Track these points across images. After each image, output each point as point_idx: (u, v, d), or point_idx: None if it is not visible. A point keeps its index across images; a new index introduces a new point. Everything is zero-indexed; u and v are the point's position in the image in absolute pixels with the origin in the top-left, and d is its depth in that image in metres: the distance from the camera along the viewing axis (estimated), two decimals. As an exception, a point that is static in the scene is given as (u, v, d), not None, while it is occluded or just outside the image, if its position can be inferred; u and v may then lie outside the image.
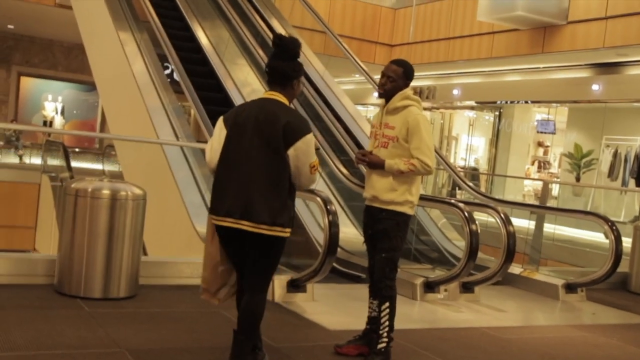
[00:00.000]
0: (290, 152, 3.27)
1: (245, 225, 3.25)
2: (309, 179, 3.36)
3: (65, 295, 4.64)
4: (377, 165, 3.90)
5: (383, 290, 3.91)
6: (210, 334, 4.20)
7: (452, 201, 6.08)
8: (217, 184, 3.38)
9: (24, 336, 3.74)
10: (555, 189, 15.32)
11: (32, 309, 4.31)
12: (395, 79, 3.94)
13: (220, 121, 3.44)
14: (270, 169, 3.28)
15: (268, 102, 3.40)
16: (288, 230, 3.32)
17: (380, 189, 3.92)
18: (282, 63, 3.41)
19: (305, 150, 3.29)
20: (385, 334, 3.86)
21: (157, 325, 4.26)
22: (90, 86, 18.47)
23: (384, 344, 3.86)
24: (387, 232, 3.91)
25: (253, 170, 3.28)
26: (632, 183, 13.32)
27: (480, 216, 6.88)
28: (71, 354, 3.55)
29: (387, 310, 3.87)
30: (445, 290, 5.80)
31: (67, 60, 18.48)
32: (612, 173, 13.73)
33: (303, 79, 3.56)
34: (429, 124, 4.07)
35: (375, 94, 3.96)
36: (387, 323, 3.87)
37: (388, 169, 3.87)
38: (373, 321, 3.98)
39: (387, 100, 3.98)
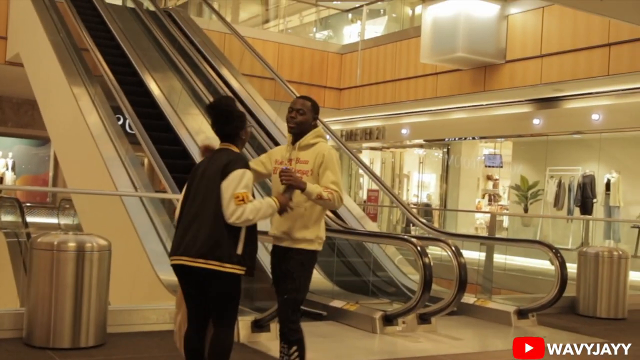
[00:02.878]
0: (222, 184, 3.49)
1: (184, 260, 3.48)
2: (231, 209, 3.43)
3: (34, 348, 4.74)
4: (298, 186, 3.74)
5: (288, 335, 3.83)
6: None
7: (405, 237, 6.36)
8: (175, 230, 3.64)
9: (-1, 388, 3.85)
10: (505, 221, 15.81)
11: (3, 363, 4.41)
12: (305, 112, 3.92)
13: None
14: (212, 206, 3.49)
15: (219, 153, 3.68)
16: (228, 266, 3.44)
17: (293, 226, 3.84)
18: (224, 127, 3.68)
19: (232, 180, 3.47)
20: None
21: (128, 371, 4.39)
22: (41, 141, 18.42)
23: None
24: (290, 272, 3.83)
25: (198, 209, 3.53)
26: (577, 211, 13.86)
27: (435, 250, 7.18)
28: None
29: (296, 354, 3.81)
30: (404, 322, 6.04)
31: (17, 115, 18.39)
32: (557, 202, 14.26)
33: (249, 124, 3.80)
34: (338, 157, 4.03)
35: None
36: None
37: (309, 191, 3.74)
38: None
39: (297, 135, 3.95)
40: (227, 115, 3.67)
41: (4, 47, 12.75)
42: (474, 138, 16.29)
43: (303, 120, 3.92)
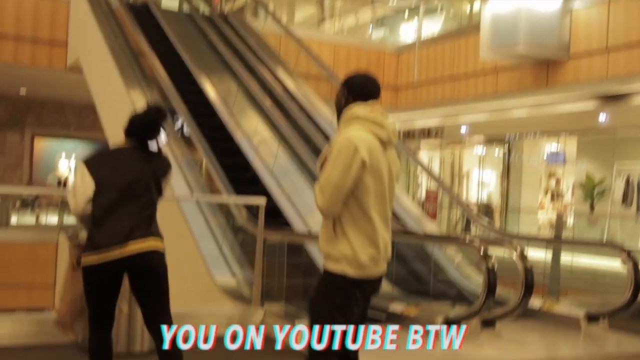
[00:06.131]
0: None
1: None
2: None
3: (90, 352, 4.70)
4: None
5: None
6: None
7: (468, 239, 6.14)
8: None
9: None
10: (570, 219, 15.33)
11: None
12: (336, 94, 3.16)
13: None
14: None
15: None
16: None
17: (321, 238, 2.90)
18: None
19: None
20: None
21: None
22: (102, 143, 18.77)
23: None
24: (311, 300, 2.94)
25: None
26: (646, 210, 13.32)
27: (497, 251, 6.91)
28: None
29: None
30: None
31: (79, 119, 18.83)
32: (626, 200, 13.74)
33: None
34: (354, 152, 2.85)
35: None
36: None
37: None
38: None
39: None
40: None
41: (64, 54, 12.98)
42: (535, 135, 15.84)
43: (335, 102, 3.17)
